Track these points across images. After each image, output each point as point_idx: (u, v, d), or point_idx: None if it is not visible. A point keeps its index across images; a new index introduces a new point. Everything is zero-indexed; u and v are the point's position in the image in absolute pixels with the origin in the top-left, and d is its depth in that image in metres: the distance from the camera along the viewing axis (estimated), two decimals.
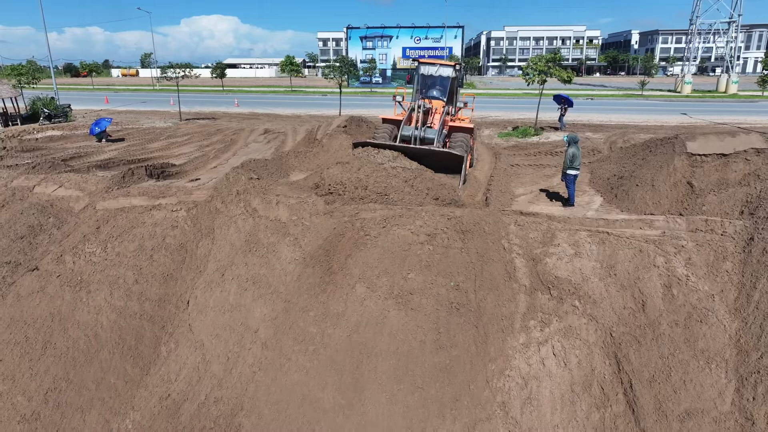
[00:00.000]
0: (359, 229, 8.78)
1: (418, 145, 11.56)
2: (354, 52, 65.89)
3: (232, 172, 10.99)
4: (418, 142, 11.66)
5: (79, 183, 11.63)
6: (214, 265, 9.31)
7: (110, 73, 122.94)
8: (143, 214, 10.34)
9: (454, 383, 7.13)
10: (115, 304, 9.02)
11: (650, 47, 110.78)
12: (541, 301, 7.83)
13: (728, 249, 7.94)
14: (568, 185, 10.44)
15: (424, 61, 14.21)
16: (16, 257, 10.31)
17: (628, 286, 7.70)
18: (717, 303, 7.33)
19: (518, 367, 7.26)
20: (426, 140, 11.75)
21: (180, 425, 7.67)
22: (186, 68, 27.50)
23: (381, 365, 7.33)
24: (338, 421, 7.02)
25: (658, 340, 7.10)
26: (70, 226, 10.67)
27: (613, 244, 8.30)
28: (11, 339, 8.89)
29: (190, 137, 21.19)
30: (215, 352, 8.24)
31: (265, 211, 9.88)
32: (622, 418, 6.64)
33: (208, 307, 8.78)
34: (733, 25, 48.89)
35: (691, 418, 6.43)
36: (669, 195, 9.58)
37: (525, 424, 6.78)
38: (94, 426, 7.88)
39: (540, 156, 15.46)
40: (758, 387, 6.40)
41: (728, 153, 9.40)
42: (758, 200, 8.42)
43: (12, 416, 8.06)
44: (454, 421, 6.89)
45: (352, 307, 7.91)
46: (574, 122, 24.13)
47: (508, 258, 8.42)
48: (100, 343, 8.62)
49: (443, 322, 7.53)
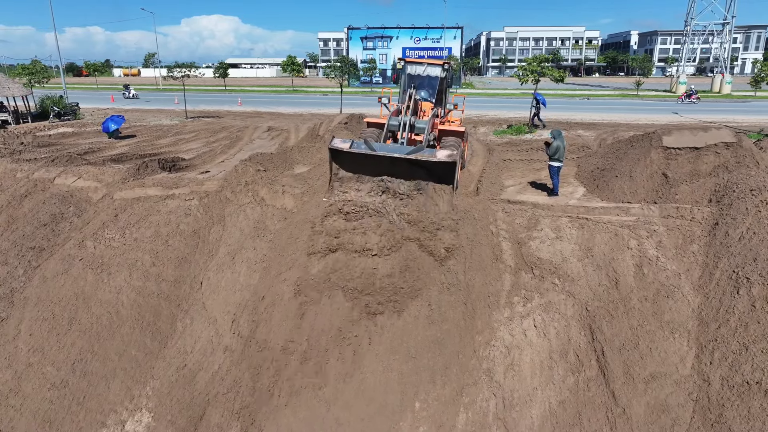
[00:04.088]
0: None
1: (407, 132, 10.69)
2: (354, 53, 66.68)
3: (241, 165, 11.77)
4: (408, 129, 10.77)
5: (96, 175, 12.40)
6: (225, 249, 10.10)
7: (112, 73, 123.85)
8: (158, 203, 11.11)
9: (444, 354, 7.88)
10: (134, 284, 9.81)
11: (649, 48, 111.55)
12: (525, 280, 8.60)
13: (695, 233, 8.71)
14: (552, 176, 11.23)
15: (411, 60, 13.58)
16: (40, 243, 11.08)
17: (603, 266, 8.47)
18: (683, 280, 8.10)
19: (502, 337, 8.03)
20: (416, 129, 10.99)
21: (196, 392, 8.46)
22: (192, 68, 28.33)
23: (376, 338, 8.07)
24: (339, 387, 7.77)
25: (628, 314, 7.87)
26: (89, 215, 11.45)
27: (591, 228, 9.07)
28: (39, 316, 9.68)
29: (197, 134, 21.97)
30: (227, 326, 9.02)
31: (272, 200, 10.67)
32: (594, 381, 7.41)
33: (220, 287, 9.58)
34: (727, 27, 49.66)
35: (655, 381, 7.20)
36: (645, 185, 10.35)
37: (507, 387, 7.55)
38: (118, 392, 8.68)
39: (531, 152, 16.22)
40: (715, 353, 7.16)
41: (700, 146, 10.16)
42: (724, 189, 9.18)
43: (42, 384, 8.85)
44: (444, 386, 7.65)
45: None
46: (568, 121, 24.89)
47: (495, 241, 9.19)
48: (121, 319, 9.41)
49: (435, 299, 8.25)
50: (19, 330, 9.58)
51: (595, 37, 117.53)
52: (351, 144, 9.43)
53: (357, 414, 7.39)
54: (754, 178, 8.97)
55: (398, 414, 7.36)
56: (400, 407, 7.42)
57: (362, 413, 7.39)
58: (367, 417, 7.35)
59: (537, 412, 7.30)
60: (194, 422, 8.09)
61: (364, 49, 67.67)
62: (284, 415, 7.54)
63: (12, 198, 12.20)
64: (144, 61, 62.92)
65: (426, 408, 7.40)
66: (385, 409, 7.41)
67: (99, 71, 78.63)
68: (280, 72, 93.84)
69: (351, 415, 7.40)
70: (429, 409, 7.38)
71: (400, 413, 7.37)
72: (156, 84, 68.49)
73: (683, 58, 53.03)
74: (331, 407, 7.50)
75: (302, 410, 7.55)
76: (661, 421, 6.87)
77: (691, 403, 6.92)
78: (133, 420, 8.34)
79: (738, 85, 53.14)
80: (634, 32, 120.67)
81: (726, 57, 51.26)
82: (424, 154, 9.16)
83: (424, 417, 7.33)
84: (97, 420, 8.42)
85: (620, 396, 7.13)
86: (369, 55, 66.99)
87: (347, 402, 7.54)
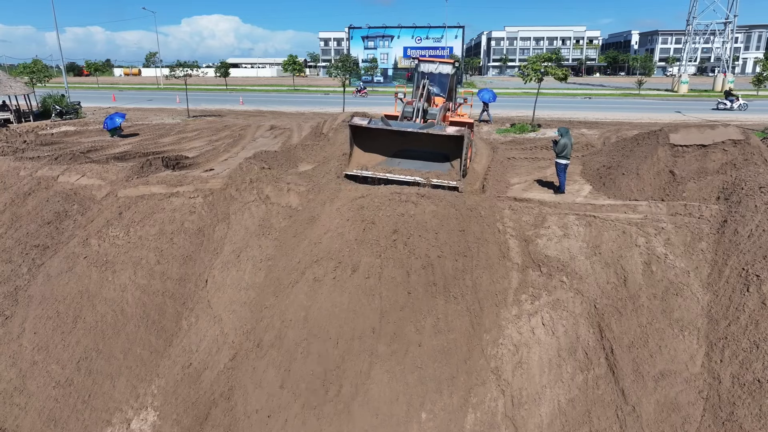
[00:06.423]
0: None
1: (420, 119, 11.50)
2: (356, 52, 66.64)
3: (245, 162, 11.72)
4: (421, 115, 11.61)
5: (100, 173, 12.35)
6: (230, 247, 10.05)
7: (113, 73, 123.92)
8: (162, 201, 11.05)
9: (451, 363, 7.72)
10: (139, 282, 9.76)
11: (650, 47, 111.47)
12: (532, 278, 8.54)
13: (704, 230, 8.65)
14: (558, 174, 11.18)
15: (424, 59, 14.72)
16: (44, 241, 11.04)
17: (611, 264, 8.42)
18: (692, 278, 8.04)
19: (510, 335, 7.98)
20: (428, 115, 11.83)
21: (201, 390, 8.41)
22: (194, 67, 28.30)
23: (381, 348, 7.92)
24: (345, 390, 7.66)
25: (637, 311, 7.82)
26: (93, 212, 11.40)
27: (599, 226, 9.01)
28: (43, 314, 9.64)
29: (200, 132, 21.93)
30: (232, 325, 8.97)
31: (277, 198, 10.61)
32: (603, 379, 7.36)
33: (226, 285, 9.52)
34: (729, 26, 49.59)
35: (665, 379, 7.15)
36: (652, 183, 10.30)
37: (516, 385, 7.49)
38: (123, 391, 8.63)
39: (535, 150, 16.18)
40: (725, 351, 7.12)
41: (707, 144, 10.12)
42: (732, 187, 9.13)
43: (47, 382, 8.81)
44: (451, 395, 7.57)
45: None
46: (570, 119, 24.86)
47: (502, 239, 9.13)
48: (126, 317, 9.36)
49: (441, 309, 8.10)
50: (24, 328, 9.54)
51: (595, 37, 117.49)
52: (369, 121, 10.82)
53: (361, 425, 7.28)
54: (762, 175, 8.91)
55: (404, 425, 7.25)
56: (406, 418, 7.32)
57: (367, 425, 7.28)
58: (371, 428, 7.25)
59: (546, 410, 7.24)
60: (200, 421, 8.05)
61: (365, 48, 67.66)
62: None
63: (15, 196, 12.16)
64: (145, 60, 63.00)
65: (432, 418, 7.30)
66: (390, 420, 7.31)
67: (100, 71, 78.68)
68: (280, 72, 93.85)
69: (355, 427, 7.29)
70: (435, 420, 7.29)
71: (406, 424, 7.27)
72: (157, 83, 68.47)
73: (685, 57, 52.97)
74: (334, 417, 7.41)
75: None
76: (671, 419, 6.82)
77: (702, 401, 6.87)
78: (139, 419, 8.30)
79: (739, 84, 53.05)
80: (634, 32, 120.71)
81: (728, 56, 51.18)
82: (435, 129, 10.31)
83: (430, 428, 7.23)
84: (102, 418, 8.38)
85: (630, 394, 7.07)
86: (370, 54, 66.98)
87: (351, 412, 7.43)
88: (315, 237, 9.17)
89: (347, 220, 9.03)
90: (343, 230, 8.93)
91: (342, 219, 9.14)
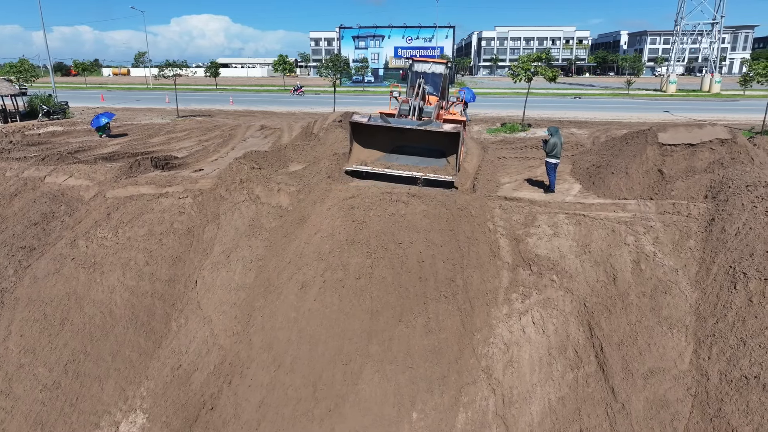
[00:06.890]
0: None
1: (415, 116, 11.82)
2: (346, 52, 66.54)
3: (235, 162, 11.65)
4: (417, 113, 11.94)
5: (88, 173, 12.22)
6: (219, 247, 9.98)
7: (101, 72, 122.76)
8: (151, 202, 10.96)
9: (442, 363, 7.72)
10: (127, 283, 9.66)
11: (639, 48, 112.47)
12: (523, 276, 8.57)
13: (692, 229, 8.74)
14: (548, 173, 11.23)
15: (417, 59, 15.16)
16: (31, 242, 10.90)
17: (601, 262, 8.47)
18: (680, 276, 8.11)
19: (501, 334, 7.99)
20: (423, 112, 12.16)
21: (191, 392, 8.33)
22: (183, 67, 28.09)
23: (372, 348, 7.92)
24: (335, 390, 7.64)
25: (626, 309, 7.87)
26: (81, 213, 11.27)
27: (588, 225, 9.07)
28: (30, 317, 9.50)
29: (189, 133, 21.78)
30: (222, 326, 8.91)
31: (267, 198, 10.56)
32: (593, 377, 7.40)
33: (215, 286, 9.46)
34: (716, 27, 50.16)
35: (654, 376, 7.20)
36: (641, 182, 10.38)
37: (506, 384, 7.51)
38: (111, 393, 8.53)
39: (526, 149, 16.24)
40: (713, 348, 7.19)
41: (695, 143, 10.22)
42: (720, 185, 9.23)
43: (34, 385, 8.68)
44: (442, 395, 7.58)
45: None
46: (560, 119, 25.00)
47: (492, 238, 9.16)
48: (115, 319, 9.26)
49: (432, 308, 8.11)
50: (10, 331, 9.39)
51: (585, 37, 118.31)
52: (369, 118, 11.07)
53: (353, 425, 7.25)
54: (749, 173, 9.01)
55: (395, 425, 7.23)
56: (398, 418, 7.30)
57: (358, 425, 7.26)
58: (362, 429, 7.22)
59: (537, 408, 7.26)
60: (189, 423, 7.96)
61: (356, 48, 67.57)
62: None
63: (1, 197, 11.99)
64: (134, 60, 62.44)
65: (423, 418, 7.30)
66: (382, 419, 7.29)
67: (88, 70, 77.86)
68: (271, 72, 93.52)
69: (347, 427, 7.26)
70: (427, 419, 7.28)
71: (397, 424, 7.25)
72: (146, 83, 67.93)
73: (673, 57, 53.48)
74: (326, 418, 7.38)
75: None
76: (660, 416, 6.87)
77: (690, 397, 6.93)
78: (128, 421, 8.20)
79: (726, 84, 53.69)
80: (623, 32, 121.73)
81: (715, 57, 51.76)
82: (432, 126, 10.71)
83: (421, 427, 7.22)
84: (90, 421, 8.27)
85: (619, 391, 7.11)
86: (361, 54, 66.91)
87: (342, 413, 7.40)
88: (305, 237, 9.14)
89: (338, 220, 9.01)
90: (333, 230, 8.92)
91: (332, 219, 9.12)
